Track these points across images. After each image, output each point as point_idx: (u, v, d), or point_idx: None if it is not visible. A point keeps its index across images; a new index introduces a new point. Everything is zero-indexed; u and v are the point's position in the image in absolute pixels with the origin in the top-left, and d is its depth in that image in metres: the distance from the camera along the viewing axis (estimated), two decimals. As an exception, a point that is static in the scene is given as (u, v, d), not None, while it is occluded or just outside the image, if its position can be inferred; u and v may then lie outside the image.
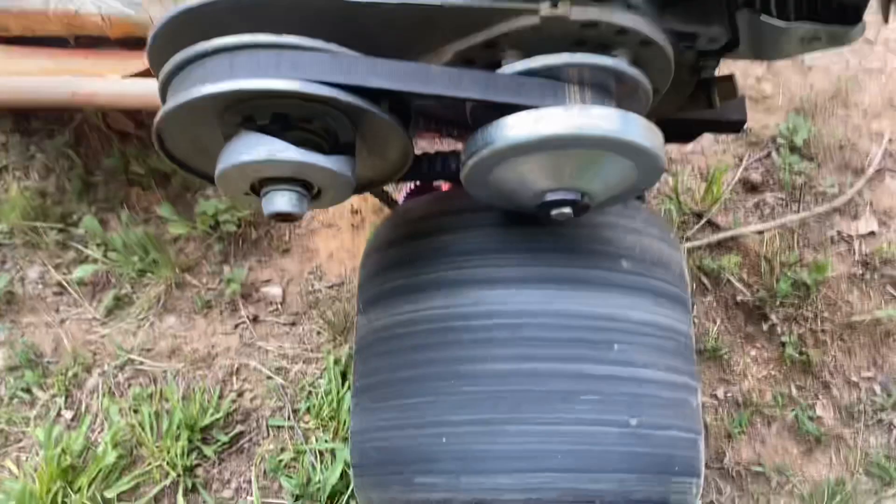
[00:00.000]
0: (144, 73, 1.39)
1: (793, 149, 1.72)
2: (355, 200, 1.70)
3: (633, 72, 0.90)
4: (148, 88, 1.31)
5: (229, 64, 0.84)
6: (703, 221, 1.65)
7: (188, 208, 1.68)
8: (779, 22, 0.90)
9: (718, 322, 1.57)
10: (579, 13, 0.85)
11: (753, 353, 1.55)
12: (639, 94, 0.94)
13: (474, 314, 1.03)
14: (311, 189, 0.95)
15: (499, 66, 0.91)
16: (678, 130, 1.24)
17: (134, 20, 1.46)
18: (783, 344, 1.53)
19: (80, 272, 1.61)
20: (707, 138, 1.74)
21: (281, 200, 0.92)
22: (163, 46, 0.92)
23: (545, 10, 0.85)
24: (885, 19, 0.92)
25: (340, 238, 1.67)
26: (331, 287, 1.64)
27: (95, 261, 1.64)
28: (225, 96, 0.84)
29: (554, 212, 0.93)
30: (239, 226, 1.64)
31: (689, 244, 1.62)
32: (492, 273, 1.06)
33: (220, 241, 1.64)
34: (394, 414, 1.09)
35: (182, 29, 0.88)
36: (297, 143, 0.92)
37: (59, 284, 1.63)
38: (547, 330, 1.02)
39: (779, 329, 1.55)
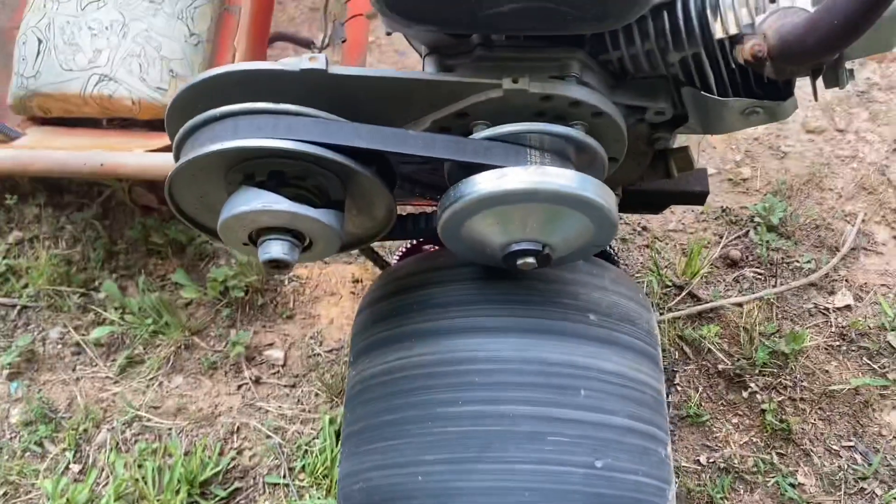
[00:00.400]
0: (166, 149, 1.55)
1: (770, 227, 1.82)
2: (356, 270, 1.82)
3: (587, 139, 1.02)
4: (169, 161, 1.46)
5: (233, 127, 0.98)
6: (684, 293, 1.73)
7: (201, 276, 1.80)
8: (718, 98, 1.03)
9: (700, 390, 1.63)
10: (537, 87, 0.98)
11: (735, 420, 1.60)
12: (596, 163, 1.06)
13: (451, 360, 1.12)
14: (302, 240, 1.07)
15: (470, 133, 1.04)
16: (645, 201, 1.35)
17: (161, 103, 1.64)
18: (763, 411, 1.58)
19: (98, 333, 1.72)
20: (688, 216, 1.85)
21: (275, 248, 1.03)
22: (178, 115, 1.06)
23: (507, 84, 0.98)
24: (815, 97, 1.04)
25: (341, 305, 1.78)
26: (330, 351, 1.73)
27: (112, 322, 1.76)
28: (229, 153, 0.97)
29: (519, 262, 1.03)
30: (246, 292, 1.75)
31: (670, 314, 1.70)
32: (468, 323, 1.15)
33: (228, 306, 1.75)
34: (376, 456, 1.16)
35: (194, 100, 1.02)
36: (291, 197, 1.05)
37: (78, 344, 1.74)
38: (517, 375, 1.09)
39: (759, 397, 1.60)
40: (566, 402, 1.09)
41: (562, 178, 0.95)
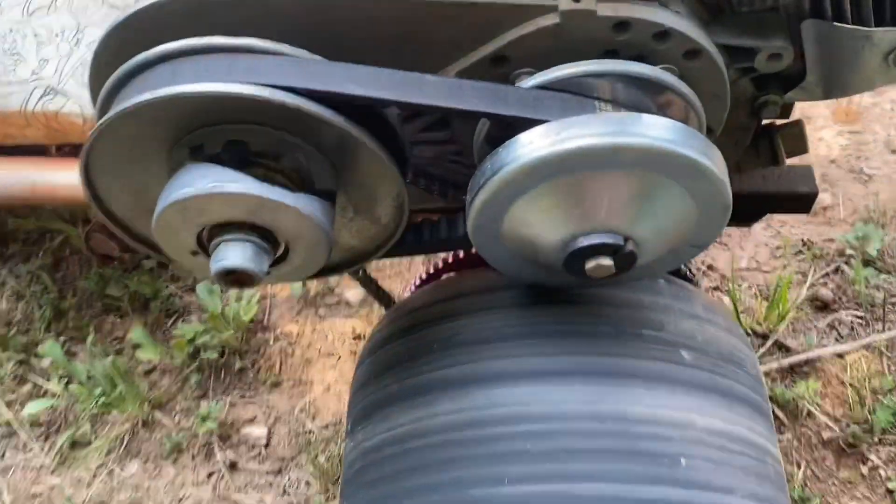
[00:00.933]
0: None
1: (867, 261, 1.51)
2: (358, 325, 1.50)
3: (680, 85, 0.72)
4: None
5: (171, 72, 0.69)
6: (769, 343, 1.40)
7: (168, 337, 1.49)
8: (859, 28, 0.73)
9: (804, 466, 1.28)
10: (608, 8, 0.70)
11: (853, 503, 1.24)
12: (689, 123, 0.76)
13: (489, 420, 0.79)
14: (274, 243, 0.76)
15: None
16: (735, 208, 1.04)
17: (119, 122, 1.35)
18: (891, 492, 1.22)
19: (33, 408, 1.40)
20: (761, 252, 1.54)
21: (233, 253, 0.72)
22: (104, 71, 0.77)
23: (565, 3, 0.69)
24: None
25: (339, 368, 1.45)
26: (325, 427, 1.39)
27: (54, 395, 1.43)
28: (160, 106, 0.67)
29: (590, 264, 0.72)
30: (221, 353, 1.44)
31: (755, 369, 1.36)
32: (511, 366, 0.83)
33: (198, 371, 1.44)
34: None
35: (125, 47, 0.74)
36: (258, 179, 0.74)
37: (9, 424, 1.41)
38: (588, 439, 0.77)
39: (882, 473, 1.24)
40: (661, 477, 0.75)
41: (656, 129, 0.65)
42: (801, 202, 1.04)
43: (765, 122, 0.91)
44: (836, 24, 0.75)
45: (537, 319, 0.86)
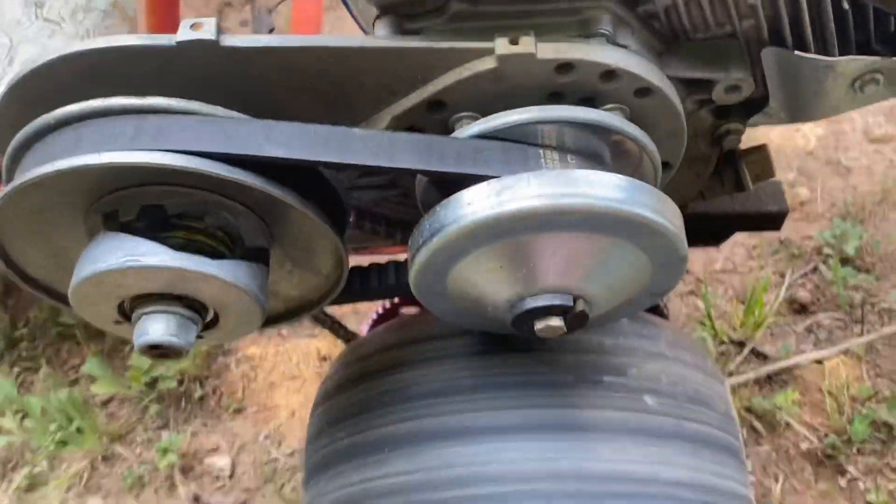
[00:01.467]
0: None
1: (844, 260, 1.47)
2: (323, 346, 1.45)
3: (630, 129, 0.67)
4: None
5: (74, 138, 0.63)
6: (746, 351, 1.37)
7: (124, 365, 1.43)
8: (822, 58, 0.68)
9: (782, 479, 1.25)
10: (549, 50, 0.64)
11: (832, 517, 1.21)
12: (643, 168, 0.71)
13: (442, 482, 0.75)
14: (201, 311, 0.70)
15: (452, 132, 0.69)
16: (702, 228, 1.00)
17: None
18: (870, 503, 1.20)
19: (-13, 447, 1.34)
20: (738, 253, 1.50)
21: (155, 327, 0.67)
22: (9, 129, 0.71)
23: (502, 47, 0.64)
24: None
25: (304, 391, 1.41)
26: (291, 454, 1.35)
27: (9, 432, 1.38)
28: (66, 177, 0.62)
29: (539, 325, 0.67)
30: (181, 381, 1.39)
31: (731, 380, 1.33)
32: (465, 422, 0.78)
33: (158, 401, 1.39)
34: None
35: (26, 107, 0.68)
36: (181, 247, 0.69)
37: (-37, 464, 1.37)
38: (546, 500, 0.73)
39: (862, 484, 1.22)
40: (625, 539, 0.72)
41: (601, 187, 0.60)
42: (771, 221, 0.99)
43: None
44: (797, 52, 0.70)
45: (492, 370, 0.81)
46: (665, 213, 0.63)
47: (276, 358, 1.43)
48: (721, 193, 0.90)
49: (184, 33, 0.63)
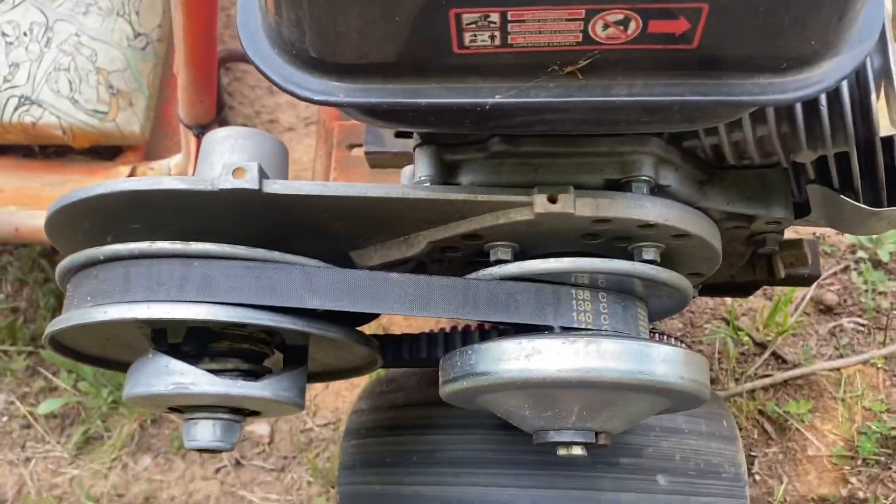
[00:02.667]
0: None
1: (876, 264, 1.46)
2: (356, 321, 1.50)
3: (664, 275, 0.68)
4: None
5: (123, 279, 0.66)
6: (766, 353, 1.40)
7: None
8: (868, 208, 0.67)
9: (786, 481, 1.31)
10: (587, 207, 0.64)
11: (829, 521, 1.29)
12: (673, 294, 0.72)
13: (464, 550, 0.82)
14: (243, 412, 0.76)
15: (486, 256, 0.70)
16: (731, 286, 1.01)
17: (98, 129, 1.31)
18: (867, 514, 1.27)
19: (47, 407, 1.45)
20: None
21: (203, 433, 0.73)
22: (58, 234, 0.74)
23: (540, 205, 0.64)
24: None
25: (338, 366, 1.47)
26: (325, 425, 1.44)
27: (65, 391, 1.48)
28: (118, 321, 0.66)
29: (561, 451, 0.71)
30: (222, 354, 1.45)
31: (749, 384, 1.37)
32: (486, 495, 0.85)
33: (201, 370, 1.46)
34: None
35: (77, 219, 0.70)
36: (226, 354, 0.73)
37: (26, 417, 1.48)
38: (557, 577, 0.80)
39: (861, 494, 1.28)
40: None
41: (624, 362, 0.62)
42: (803, 282, 0.99)
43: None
44: (843, 197, 0.69)
45: (514, 447, 0.86)
46: (692, 377, 0.65)
47: (311, 332, 1.49)
48: (752, 280, 0.91)
49: (226, 180, 0.64)
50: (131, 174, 1.34)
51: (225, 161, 0.75)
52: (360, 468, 0.96)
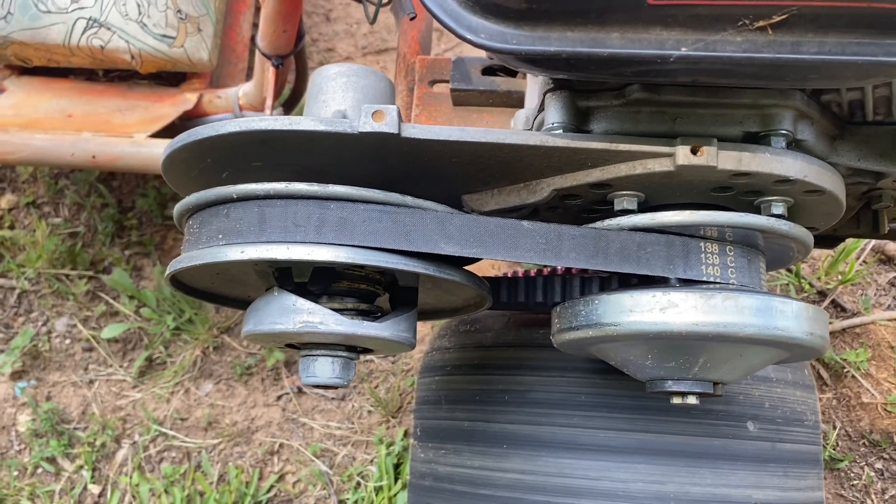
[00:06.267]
0: (172, 129, 1.21)
1: (941, 215, 1.45)
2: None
3: (795, 231, 0.67)
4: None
5: (259, 219, 0.65)
6: (826, 301, 1.40)
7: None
8: None
9: (839, 426, 1.34)
10: (730, 161, 0.63)
11: (879, 465, 1.32)
12: (793, 248, 0.72)
13: (556, 489, 0.85)
14: (359, 349, 0.77)
15: (610, 206, 0.70)
16: (823, 238, 1.00)
17: (166, 55, 1.28)
18: (918, 460, 1.30)
19: (110, 332, 1.47)
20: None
21: (322, 370, 0.74)
22: (177, 169, 0.73)
23: (683, 156, 0.63)
24: None
25: (397, 300, 1.49)
26: (385, 357, 1.46)
27: (127, 317, 1.50)
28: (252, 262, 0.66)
29: (675, 399, 0.72)
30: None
31: (808, 331, 1.38)
32: (581, 436, 0.87)
33: (262, 300, 1.48)
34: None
35: (198, 154, 0.69)
36: (345, 293, 0.74)
37: (89, 340, 1.50)
38: (651, 518, 0.83)
39: (914, 442, 1.31)
40: (716, 557, 0.82)
41: (759, 317, 0.63)
42: (892, 236, 0.99)
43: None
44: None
45: (608, 389, 0.87)
46: (820, 333, 0.65)
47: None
48: (855, 234, 0.90)
49: (365, 123, 0.63)
50: (198, 101, 1.32)
51: (339, 99, 0.74)
52: (445, 404, 0.98)
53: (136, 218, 1.56)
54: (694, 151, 0.63)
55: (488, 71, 1.07)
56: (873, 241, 1.45)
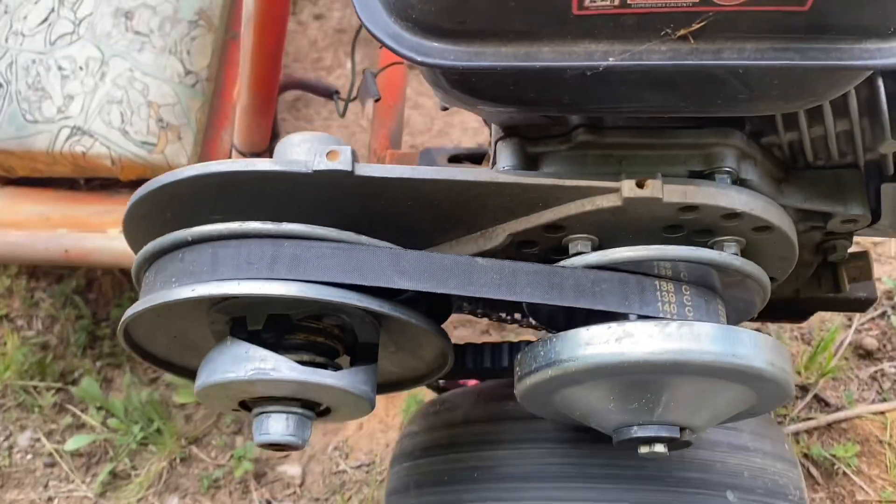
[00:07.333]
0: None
1: (914, 308, 1.46)
2: (391, 361, 1.49)
3: (749, 268, 0.68)
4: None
5: (212, 259, 0.66)
6: (809, 396, 1.38)
7: (202, 366, 1.48)
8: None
9: (835, 528, 1.27)
10: (676, 194, 0.65)
11: (883, 569, 1.24)
12: (749, 290, 0.72)
13: (530, 570, 0.79)
14: (315, 407, 0.74)
15: (565, 251, 0.71)
16: (788, 308, 1.01)
17: (146, 160, 1.33)
18: (922, 562, 1.23)
19: (75, 443, 1.42)
20: (807, 292, 1.49)
21: (275, 427, 0.71)
22: (137, 226, 0.74)
23: (629, 189, 0.65)
24: None
25: (372, 406, 1.45)
26: (358, 467, 1.41)
27: (93, 428, 1.45)
28: (203, 301, 0.65)
29: (643, 450, 0.69)
30: (256, 391, 1.43)
31: (792, 426, 1.34)
32: (554, 510, 0.82)
33: (233, 408, 1.44)
34: None
35: (159, 206, 0.70)
36: (301, 347, 0.72)
37: (51, 455, 1.44)
38: None
39: (915, 541, 1.24)
40: None
41: (718, 345, 0.62)
42: (859, 306, 0.99)
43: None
44: (921, 192, 0.70)
45: (581, 459, 0.84)
46: (782, 365, 0.64)
47: (345, 371, 1.47)
48: (817, 294, 0.91)
49: (320, 162, 0.65)
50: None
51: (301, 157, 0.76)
52: (414, 489, 0.93)
53: (109, 328, 1.54)
54: (640, 185, 0.65)
55: (454, 159, 1.11)
56: (850, 337, 1.45)
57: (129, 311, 0.68)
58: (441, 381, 1.11)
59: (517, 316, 1.00)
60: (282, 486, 1.40)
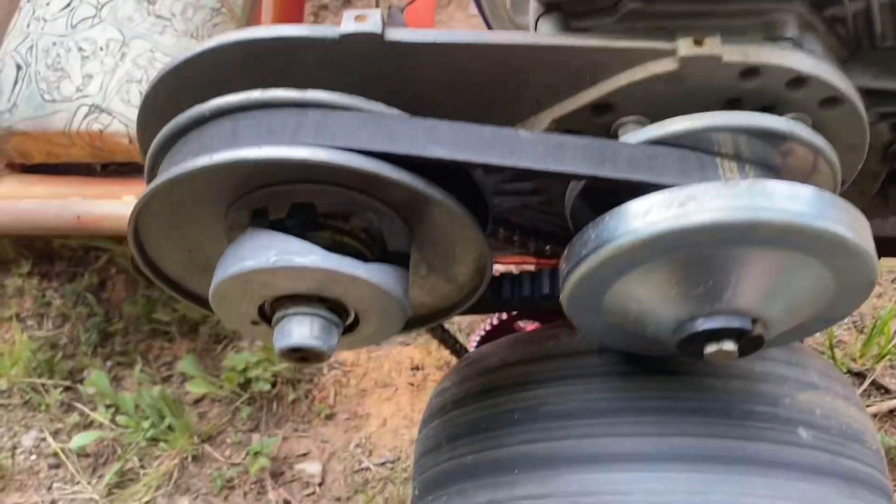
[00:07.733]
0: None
1: (972, 290, 1.38)
2: (416, 355, 1.42)
3: (821, 142, 0.62)
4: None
5: (231, 130, 0.61)
6: (866, 383, 1.29)
7: (217, 364, 1.42)
8: None
9: (905, 522, 1.16)
10: (737, 52, 0.59)
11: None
12: (816, 178, 0.66)
13: (581, 509, 0.70)
14: (344, 315, 0.67)
15: (615, 138, 0.65)
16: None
17: (166, 142, 1.29)
18: None
19: (80, 440, 1.35)
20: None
21: (299, 330, 0.64)
22: (153, 120, 0.69)
23: (685, 48, 0.59)
24: None
25: (396, 401, 1.37)
26: (382, 465, 1.32)
27: (101, 426, 1.38)
28: (221, 170, 0.60)
29: (709, 349, 0.62)
30: (273, 384, 1.37)
31: (851, 413, 1.25)
32: (606, 447, 0.73)
33: (249, 403, 1.37)
34: None
35: (176, 94, 0.66)
36: (326, 246, 0.66)
37: (56, 455, 1.37)
38: (697, 536, 0.68)
39: None
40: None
41: (801, 202, 0.55)
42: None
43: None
44: None
45: (634, 392, 0.76)
46: (864, 235, 0.57)
47: (368, 364, 1.40)
48: (884, 214, 0.84)
49: (348, 25, 0.60)
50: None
51: None
52: (446, 444, 0.85)
53: (121, 324, 1.49)
54: (697, 43, 0.60)
55: None
56: (905, 321, 1.36)
57: (140, 199, 0.63)
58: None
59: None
60: (300, 486, 1.31)
